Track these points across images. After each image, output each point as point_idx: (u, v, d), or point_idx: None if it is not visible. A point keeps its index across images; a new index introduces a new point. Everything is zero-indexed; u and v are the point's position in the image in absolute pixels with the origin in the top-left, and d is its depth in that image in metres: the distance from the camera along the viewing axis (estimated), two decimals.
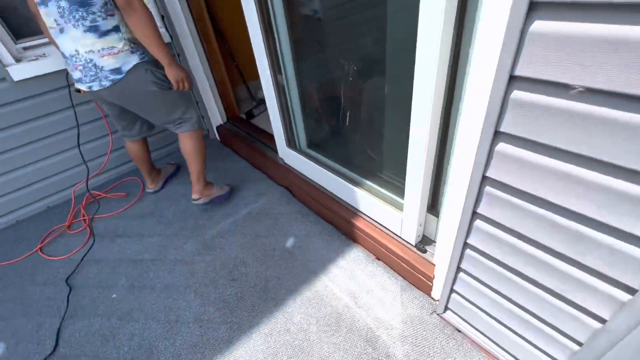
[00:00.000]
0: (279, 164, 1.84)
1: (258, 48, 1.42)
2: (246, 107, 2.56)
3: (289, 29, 1.30)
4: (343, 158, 1.49)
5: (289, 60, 1.38)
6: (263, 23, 1.32)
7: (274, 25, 1.31)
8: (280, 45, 1.36)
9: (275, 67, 1.43)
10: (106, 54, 1.27)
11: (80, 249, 1.67)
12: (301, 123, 1.59)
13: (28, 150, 1.79)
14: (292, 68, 1.39)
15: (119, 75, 1.31)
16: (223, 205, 1.81)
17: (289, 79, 1.44)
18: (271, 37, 1.36)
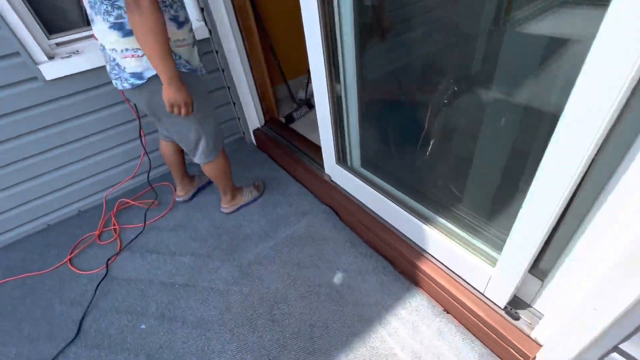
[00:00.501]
0: (324, 180, 1.63)
1: (314, 51, 1.19)
2: (286, 109, 2.36)
3: (356, 29, 1.06)
4: (411, 188, 1.25)
5: (351, 68, 1.14)
6: (324, 19, 1.09)
7: (337, 24, 1.08)
8: (343, 49, 1.12)
9: (334, 74, 1.20)
10: (129, 56, 1.10)
11: (111, 263, 1.55)
12: (357, 139, 1.36)
13: (59, 153, 1.69)
14: (354, 76, 1.15)
15: (139, 80, 1.13)
16: (260, 222, 1.63)
17: (349, 88, 1.21)
18: (332, 39, 1.12)
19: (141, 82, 1.14)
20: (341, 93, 1.23)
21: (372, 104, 1.26)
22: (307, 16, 1.11)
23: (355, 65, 1.12)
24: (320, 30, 1.09)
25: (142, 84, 1.15)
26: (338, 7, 1.04)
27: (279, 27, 2.19)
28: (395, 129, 1.26)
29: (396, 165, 1.33)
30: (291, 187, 1.81)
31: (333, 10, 1.05)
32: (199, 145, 1.37)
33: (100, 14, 1.05)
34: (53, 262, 1.60)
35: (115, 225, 1.74)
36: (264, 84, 2.04)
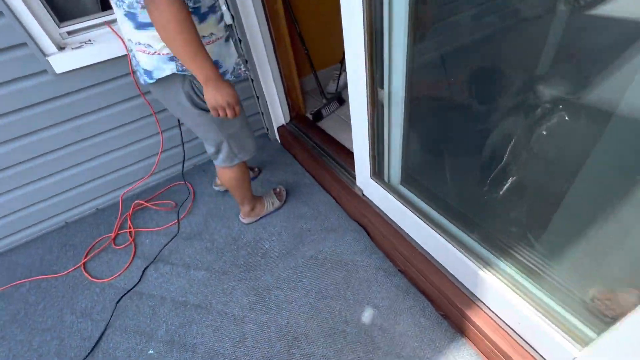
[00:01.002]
0: (354, 194, 1.43)
1: (352, 41, 0.96)
2: (313, 103, 2.14)
3: (411, 14, 0.81)
4: (467, 221, 1.01)
5: (399, 63, 0.90)
6: (368, 2, 0.85)
7: (387, 5, 0.83)
8: (391, 38, 0.88)
9: (376, 70, 0.97)
10: (141, 50, 0.96)
11: (124, 271, 1.46)
12: (399, 151, 1.13)
13: (74, 150, 1.59)
14: (402, 75, 0.91)
15: (150, 79, 1.00)
16: (281, 236, 1.47)
17: (394, 95, 0.97)
18: (376, 25, 0.88)
19: (151, 81, 1.00)
20: (384, 95, 0.99)
21: (425, 112, 1.02)
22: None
23: (406, 60, 0.88)
24: (362, 12, 0.86)
25: (151, 84, 1.01)
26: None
27: (309, 10, 1.94)
28: (454, 147, 1.03)
29: (449, 191, 1.10)
30: (317, 196, 1.62)
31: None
32: (221, 150, 1.20)
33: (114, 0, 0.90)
34: (68, 265, 1.54)
35: (131, 228, 1.65)
36: (290, 76, 1.82)
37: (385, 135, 1.11)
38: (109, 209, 1.80)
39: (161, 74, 0.97)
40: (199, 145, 1.91)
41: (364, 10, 0.84)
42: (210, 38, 0.98)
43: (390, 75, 0.93)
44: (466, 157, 1.04)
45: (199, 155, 1.97)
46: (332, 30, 2.08)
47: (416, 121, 1.02)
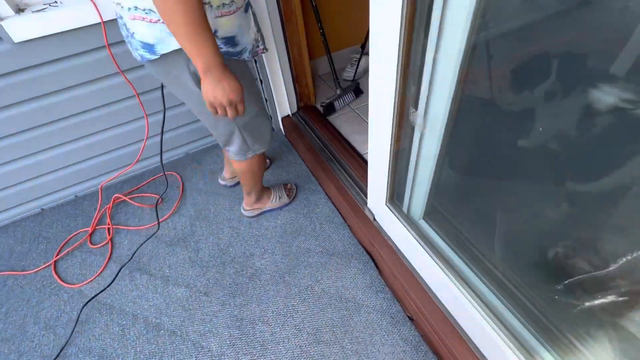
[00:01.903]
0: (364, 216, 1.20)
1: (380, 45, 0.69)
2: (325, 91, 1.85)
3: (476, 18, 0.53)
4: (506, 288, 0.78)
5: (445, 90, 0.63)
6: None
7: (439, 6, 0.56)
8: (437, 55, 0.60)
9: (410, 92, 0.70)
10: (138, 17, 0.72)
11: (96, 277, 1.30)
12: (425, 185, 0.88)
13: (45, 132, 1.37)
14: (447, 105, 0.65)
15: (151, 55, 0.77)
16: (275, 255, 1.27)
17: (431, 120, 0.70)
18: (418, 33, 0.61)
19: (153, 57, 0.78)
20: (416, 117, 0.73)
21: (471, 143, 0.76)
22: None
23: (458, 75, 0.61)
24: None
25: (153, 61, 0.79)
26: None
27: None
28: (502, 187, 0.77)
29: (487, 242, 0.85)
30: (321, 209, 1.40)
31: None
32: (233, 141, 1.02)
33: None
34: (38, 262, 1.38)
35: (110, 225, 1.47)
36: (300, 59, 1.53)
37: (411, 162, 0.85)
38: (90, 197, 1.61)
39: (166, 48, 0.75)
40: (193, 130, 1.68)
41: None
42: (230, 7, 0.75)
43: (431, 95, 0.66)
44: (518, 202, 0.79)
45: (192, 142, 1.74)
46: (355, 5, 1.75)
47: (457, 153, 0.76)
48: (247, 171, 1.16)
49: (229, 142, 1.03)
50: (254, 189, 1.30)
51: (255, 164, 1.14)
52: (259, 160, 1.14)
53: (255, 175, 1.21)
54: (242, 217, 1.42)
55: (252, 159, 1.10)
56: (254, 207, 1.38)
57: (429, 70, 0.63)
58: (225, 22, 0.77)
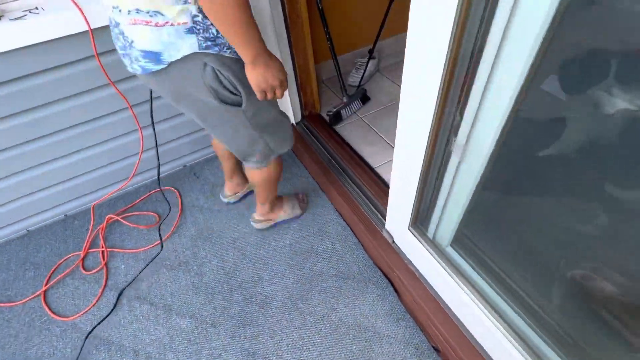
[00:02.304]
0: (381, 238, 1.13)
1: (421, 69, 0.60)
2: (330, 98, 1.76)
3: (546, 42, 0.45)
4: (547, 323, 0.72)
5: (494, 120, 0.55)
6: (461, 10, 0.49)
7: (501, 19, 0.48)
8: (491, 78, 0.52)
9: (450, 118, 0.62)
10: (142, 22, 0.64)
11: (91, 308, 1.20)
12: (457, 213, 0.81)
13: (31, 149, 1.26)
14: (495, 136, 0.57)
15: (157, 64, 0.69)
16: (286, 279, 1.19)
17: (473, 150, 0.62)
18: (467, 51, 0.53)
19: (159, 67, 0.69)
20: (456, 145, 0.65)
21: (520, 176, 0.68)
22: None
23: (514, 103, 0.53)
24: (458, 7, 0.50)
25: (160, 71, 0.70)
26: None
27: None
28: (548, 217, 0.70)
29: (526, 273, 0.79)
30: (332, 226, 1.32)
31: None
32: (255, 150, 0.94)
33: None
34: (26, 291, 1.27)
35: (104, 247, 1.36)
36: (305, 66, 1.44)
37: (444, 187, 0.78)
38: (81, 216, 1.50)
39: (176, 55, 0.68)
40: (191, 142, 1.57)
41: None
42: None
43: (476, 124, 0.58)
44: (558, 232, 0.72)
45: (190, 154, 1.64)
46: (362, 8, 1.67)
47: (500, 185, 0.69)
48: (266, 180, 1.08)
49: (250, 152, 0.95)
50: (269, 199, 1.21)
51: (275, 170, 1.06)
52: (278, 166, 1.07)
53: (273, 184, 1.14)
54: (247, 236, 1.34)
55: (271, 165, 1.02)
56: (267, 217, 1.29)
57: (477, 97, 0.55)
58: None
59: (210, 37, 0.68)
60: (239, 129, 0.86)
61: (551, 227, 0.73)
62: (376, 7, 1.65)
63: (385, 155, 1.42)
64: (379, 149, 1.45)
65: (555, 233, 0.73)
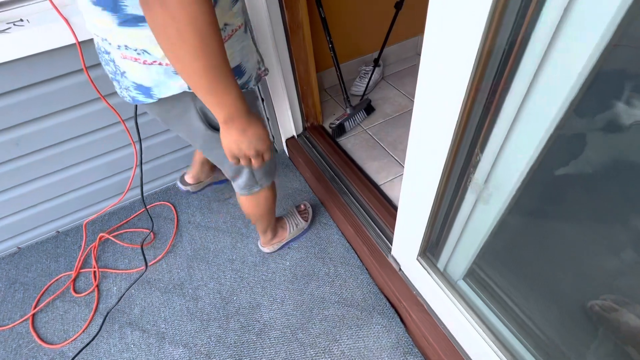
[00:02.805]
0: (387, 264, 1.05)
1: (437, 93, 0.53)
2: (332, 107, 1.69)
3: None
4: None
5: (518, 165, 0.47)
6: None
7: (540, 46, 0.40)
8: (519, 115, 0.45)
9: (467, 154, 0.54)
10: (129, 58, 0.60)
11: (80, 334, 1.14)
12: (472, 248, 0.73)
13: (18, 166, 1.20)
14: (519, 179, 0.49)
15: (147, 98, 0.65)
16: (286, 305, 1.12)
17: (493, 191, 0.55)
18: (492, 81, 0.45)
19: (149, 101, 0.65)
20: (473, 183, 0.58)
21: (544, 207, 0.60)
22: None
23: (547, 142, 0.45)
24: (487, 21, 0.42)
25: (149, 104, 0.67)
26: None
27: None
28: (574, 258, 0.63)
29: (552, 319, 0.71)
30: (334, 246, 1.25)
31: None
32: (241, 174, 0.89)
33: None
34: (14, 314, 1.22)
35: (95, 268, 1.30)
36: (307, 77, 1.37)
37: (458, 220, 0.70)
38: (73, 233, 1.44)
39: (166, 92, 0.63)
40: (187, 155, 1.51)
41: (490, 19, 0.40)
42: (224, 31, 0.61)
43: (498, 163, 0.50)
44: (587, 273, 0.65)
45: (187, 168, 1.58)
46: (366, 15, 1.59)
47: (521, 219, 0.61)
48: (256, 209, 1.01)
49: (236, 177, 0.90)
50: (269, 226, 1.15)
51: (265, 200, 0.99)
52: (270, 194, 0.99)
53: (267, 213, 1.06)
54: (246, 257, 1.27)
55: (260, 194, 0.96)
56: (272, 243, 1.23)
57: (500, 135, 0.47)
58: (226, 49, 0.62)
59: None
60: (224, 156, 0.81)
61: (574, 258, 0.65)
62: (381, 13, 1.57)
63: (391, 172, 1.35)
64: (384, 165, 1.38)
65: (577, 263, 0.65)
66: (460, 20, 0.41)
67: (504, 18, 0.39)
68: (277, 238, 1.23)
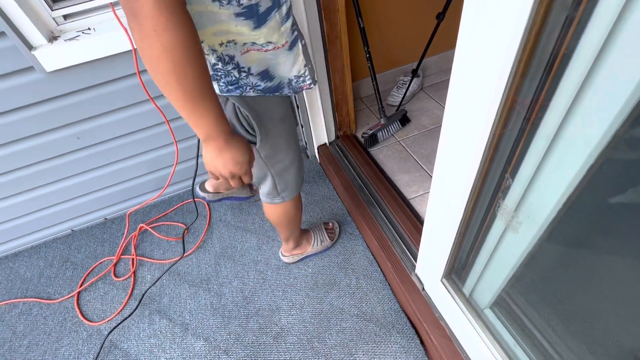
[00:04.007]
0: (410, 282, 1.02)
1: (463, 102, 0.51)
2: (367, 116, 1.68)
3: None
4: None
5: (553, 194, 0.44)
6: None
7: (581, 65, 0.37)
8: (561, 129, 0.42)
9: (496, 177, 0.51)
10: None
11: (115, 316, 1.24)
12: (501, 276, 0.69)
13: (76, 158, 1.34)
14: (554, 209, 0.45)
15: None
16: (303, 312, 1.12)
17: (527, 220, 0.51)
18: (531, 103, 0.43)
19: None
20: (505, 211, 0.54)
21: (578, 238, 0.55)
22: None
23: (590, 166, 0.42)
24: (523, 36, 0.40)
25: None
26: None
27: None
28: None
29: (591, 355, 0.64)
30: (358, 257, 1.24)
31: None
32: (265, 182, 0.90)
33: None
34: (63, 290, 1.35)
35: (134, 255, 1.41)
36: (342, 87, 1.37)
37: (486, 247, 0.66)
38: (118, 221, 1.57)
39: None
40: None
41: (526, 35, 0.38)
42: (264, 46, 0.63)
43: (530, 191, 0.47)
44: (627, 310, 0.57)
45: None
46: (407, 25, 1.57)
47: (562, 258, 0.56)
48: (280, 217, 1.02)
49: (260, 183, 0.92)
50: (292, 236, 1.15)
51: (288, 209, 0.99)
52: (292, 207, 1.00)
53: (291, 222, 1.06)
54: (270, 260, 1.30)
55: (285, 204, 0.96)
56: (292, 253, 1.24)
57: (536, 158, 0.44)
58: (259, 57, 0.64)
59: (232, 81, 0.64)
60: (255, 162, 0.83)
61: (625, 298, 0.58)
62: (421, 24, 1.54)
63: (422, 186, 1.31)
64: (415, 178, 1.34)
65: (629, 304, 0.58)
66: (496, 22, 0.39)
67: (545, 27, 0.36)
68: (299, 249, 1.23)
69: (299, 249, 1.23)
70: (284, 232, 1.13)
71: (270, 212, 1.01)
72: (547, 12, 0.35)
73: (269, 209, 1.00)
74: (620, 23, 0.31)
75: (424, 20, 1.50)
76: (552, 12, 0.35)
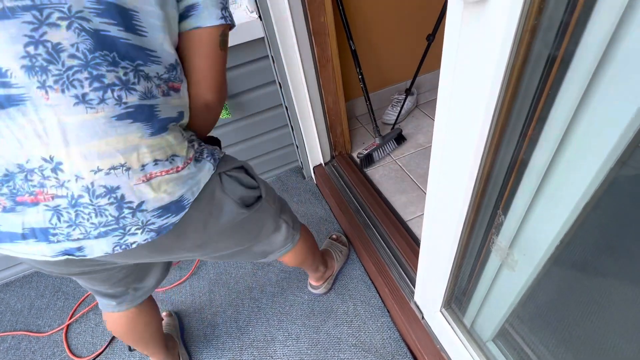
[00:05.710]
0: (409, 310, 0.98)
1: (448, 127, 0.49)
2: (362, 135, 1.67)
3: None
4: None
5: (549, 232, 0.41)
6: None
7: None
8: (552, 166, 0.39)
9: (490, 212, 0.49)
10: (157, 174, 0.50)
11: (104, 350, 1.19)
12: (502, 309, 0.65)
13: None
14: (550, 248, 0.43)
15: (178, 211, 0.54)
16: (300, 343, 1.07)
17: (523, 258, 0.48)
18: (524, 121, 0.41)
19: (181, 215, 0.54)
20: (499, 248, 0.52)
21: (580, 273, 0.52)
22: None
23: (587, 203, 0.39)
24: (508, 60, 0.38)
25: (179, 223, 0.55)
26: None
27: (374, 20, 1.45)
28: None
29: None
30: (356, 282, 1.20)
31: None
32: (280, 230, 0.82)
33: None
34: (53, 322, 1.31)
35: None
36: (335, 108, 1.37)
37: (483, 284, 0.63)
38: None
39: (201, 185, 0.56)
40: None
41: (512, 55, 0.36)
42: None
43: (524, 226, 0.44)
44: None
45: None
46: (397, 47, 1.58)
47: (569, 289, 0.53)
48: (303, 250, 0.92)
49: (276, 238, 0.82)
50: (318, 260, 1.07)
51: (305, 236, 0.92)
52: (308, 234, 0.94)
53: (312, 246, 0.97)
54: (265, 287, 1.26)
55: (301, 240, 0.89)
56: (325, 277, 1.16)
57: (528, 193, 0.42)
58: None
59: (209, 153, 0.60)
60: (265, 223, 0.76)
61: (632, 325, 0.54)
62: (412, 45, 1.55)
63: (419, 207, 1.28)
64: (412, 199, 1.31)
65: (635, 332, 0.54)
66: (479, 48, 0.38)
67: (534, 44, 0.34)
68: (329, 270, 1.16)
69: (329, 269, 1.17)
70: (312, 263, 1.03)
71: (295, 254, 0.90)
72: (527, 54, 0.34)
73: (292, 254, 0.89)
74: (605, 60, 0.29)
75: (415, 41, 1.51)
76: (533, 53, 0.34)
